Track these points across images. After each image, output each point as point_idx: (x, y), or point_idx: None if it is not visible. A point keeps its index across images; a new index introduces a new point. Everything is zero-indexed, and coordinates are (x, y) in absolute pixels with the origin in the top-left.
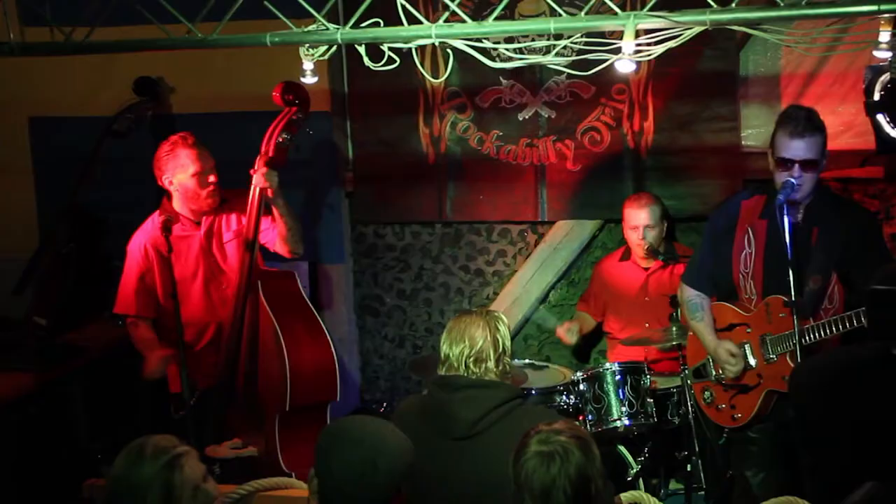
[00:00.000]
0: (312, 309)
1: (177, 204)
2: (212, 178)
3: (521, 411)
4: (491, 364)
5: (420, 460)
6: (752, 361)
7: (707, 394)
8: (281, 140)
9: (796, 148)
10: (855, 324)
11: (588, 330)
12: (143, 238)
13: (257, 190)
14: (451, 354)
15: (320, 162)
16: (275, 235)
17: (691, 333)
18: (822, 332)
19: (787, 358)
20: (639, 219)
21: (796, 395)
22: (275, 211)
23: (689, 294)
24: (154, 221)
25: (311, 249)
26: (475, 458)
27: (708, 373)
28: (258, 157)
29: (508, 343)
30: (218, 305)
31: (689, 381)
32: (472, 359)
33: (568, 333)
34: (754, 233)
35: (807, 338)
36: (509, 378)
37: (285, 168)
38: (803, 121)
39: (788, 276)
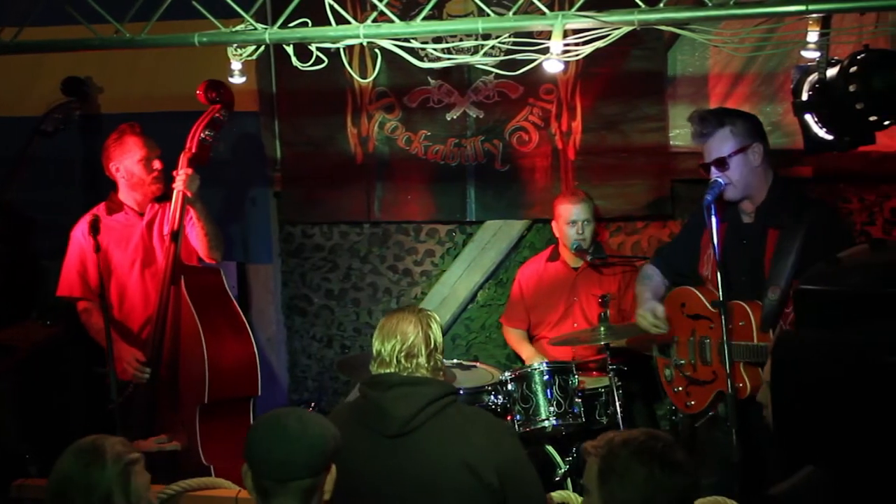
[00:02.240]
0: (235, 305)
1: (122, 194)
2: (157, 164)
3: (455, 409)
4: (422, 359)
5: (356, 460)
6: (709, 358)
7: (668, 372)
8: (204, 137)
9: (704, 151)
10: None
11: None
12: (84, 224)
13: (179, 193)
14: (382, 350)
15: (248, 162)
16: (193, 238)
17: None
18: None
19: (741, 367)
20: (574, 213)
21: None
22: (194, 215)
23: (649, 269)
24: (99, 210)
25: (239, 250)
26: (409, 455)
27: (670, 353)
28: (182, 154)
29: (440, 340)
30: (154, 296)
31: (654, 354)
32: (403, 354)
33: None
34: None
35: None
36: (441, 374)
37: (210, 167)
38: (696, 125)
39: (742, 277)
